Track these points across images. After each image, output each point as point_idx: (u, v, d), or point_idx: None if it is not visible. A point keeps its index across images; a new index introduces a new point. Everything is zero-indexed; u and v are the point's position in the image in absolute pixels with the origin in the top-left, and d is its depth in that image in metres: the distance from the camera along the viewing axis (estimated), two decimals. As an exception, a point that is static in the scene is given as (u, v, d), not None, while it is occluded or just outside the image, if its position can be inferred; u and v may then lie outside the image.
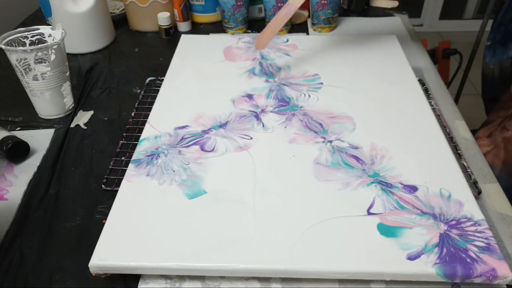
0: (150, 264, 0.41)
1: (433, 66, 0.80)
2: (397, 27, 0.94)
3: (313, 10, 0.89)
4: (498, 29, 0.71)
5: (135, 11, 0.92)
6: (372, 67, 0.70)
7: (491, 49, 0.73)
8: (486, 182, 0.55)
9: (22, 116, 0.67)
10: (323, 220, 0.44)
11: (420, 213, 0.45)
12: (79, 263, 0.44)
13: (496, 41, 0.72)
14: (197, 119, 0.59)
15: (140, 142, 0.55)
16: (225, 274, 0.42)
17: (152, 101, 0.66)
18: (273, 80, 0.67)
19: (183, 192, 0.48)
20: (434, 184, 0.48)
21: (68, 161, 0.59)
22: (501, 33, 0.71)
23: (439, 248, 0.41)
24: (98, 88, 0.75)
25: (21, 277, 0.44)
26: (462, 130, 0.63)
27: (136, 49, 0.88)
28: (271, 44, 0.76)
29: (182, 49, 0.76)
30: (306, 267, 0.41)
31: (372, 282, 0.42)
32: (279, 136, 0.56)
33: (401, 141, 0.55)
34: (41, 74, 0.61)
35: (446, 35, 2.44)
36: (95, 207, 0.52)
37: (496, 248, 0.41)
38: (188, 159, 0.53)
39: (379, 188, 0.48)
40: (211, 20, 0.97)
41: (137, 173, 0.51)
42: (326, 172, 0.50)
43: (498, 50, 0.72)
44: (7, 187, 0.54)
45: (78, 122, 0.66)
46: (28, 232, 0.49)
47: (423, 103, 0.61)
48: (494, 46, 0.73)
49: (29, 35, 0.64)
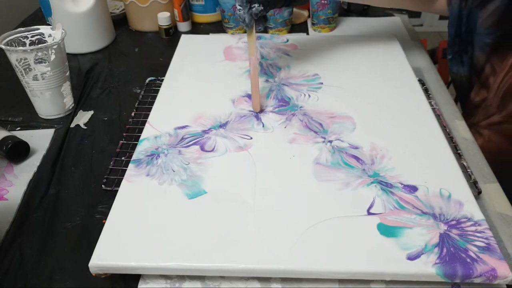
0: (150, 264, 0.41)
1: (433, 66, 0.80)
2: (397, 27, 0.94)
3: (313, 10, 0.89)
4: (454, 40, 0.73)
5: (135, 11, 0.92)
6: (372, 67, 0.70)
7: (455, 60, 0.75)
8: (486, 182, 0.55)
9: (22, 116, 0.67)
10: (323, 220, 0.44)
11: (420, 213, 0.45)
12: (79, 263, 0.44)
13: (456, 52, 0.74)
14: (197, 119, 0.59)
15: (140, 142, 0.55)
16: (225, 274, 0.42)
17: (152, 101, 0.66)
18: (273, 80, 0.67)
19: (183, 192, 0.48)
20: (434, 184, 0.48)
21: (68, 161, 0.59)
22: (457, 44, 0.73)
23: (439, 248, 0.41)
24: (98, 88, 0.75)
25: (21, 277, 0.44)
26: (462, 130, 0.63)
27: (136, 49, 0.88)
28: (271, 44, 0.76)
29: (182, 49, 0.76)
30: (306, 267, 0.41)
31: (372, 282, 0.42)
32: (279, 136, 0.56)
33: (401, 141, 0.55)
34: (41, 74, 0.61)
35: (446, 35, 2.44)
36: (95, 207, 0.52)
37: (496, 248, 0.41)
38: (188, 159, 0.53)
39: (379, 188, 0.48)
40: (211, 20, 0.97)
41: (137, 173, 0.51)
42: (326, 172, 0.50)
43: (464, 57, 0.74)
44: (7, 187, 0.54)
45: (78, 122, 0.66)
46: (28, 232, 0.49)
47: (423, 103, 0.61)
48: (457, 57, 0.75)
49: (29, 35, 0.64)
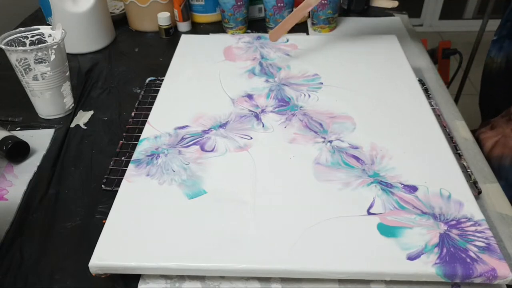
0: (150, 264, 0.41)
1: (433, 66, 0.80)
2: (397, 27, 0.94)
3: (313, 10, 0.89)
4: (505, 24, 0.71)
5: (135, 11, 0.92)
6: (372, 67, 0.70)
7: (497, 43, 0.73)
8: (486, 182, 0.55)
9: (22, 116, 0.67)
10: (323, 220, 0.44)
11: (420, 213, 0.45)
12: (79, 263, 0.44)
13: (503, 36, 0.72)
14: (197, 119, 0.59)
15: (140, 142, 0.55)
16: (225, 274, 0.42)
17: (152, 101, 0.66)
18: (273, 80, 0.67)
19: (183, 192, 0.48)
20: (434, 184, 0.48)
21: (68, 161, 0.59)
22: (507, 29, 0.71)
23: (439, 248, 0.41)
24: (98, 88, 0.75)
25: (21, 277, 0.44)
26: (462, 130, 0.63)
27: (136, 49, 0.88)
28: (271, 44, 0.76)
29: (182, 49, 0.76)
30: (306, 267, 0.41)
31: (372, 282, 0.42)
32: (279, 136, 0.56)
33: (401, 141, 0.55)
34: (41, 74, 0.61)
35: (446, 35, 2.44)
36: (95, 207, 0.52)
37: (496, 248, 0.41)
38: (188, 159, 0.53)
39: (379, 188, 0.48)
40: (211, 20, 0.97)
41: (137, 173, 0.51)
42: (326, 172, 0.50)
43: (506, 43, 0.72)
44: (7, 187, 0.54)
45: (78, 122, 0.66)
46: (28, 232, 0.49)
47: (423, 103, 0.61)
48: (500, 41, 0.73)
49: (29, 35, 0.64)
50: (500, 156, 0.55)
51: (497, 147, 0.70)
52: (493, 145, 0.69)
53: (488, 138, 0.72)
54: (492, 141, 0.71)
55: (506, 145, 0.69)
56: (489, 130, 0.74)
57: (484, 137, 0.71)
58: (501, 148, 0.70)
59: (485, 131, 0.74)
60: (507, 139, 0.69)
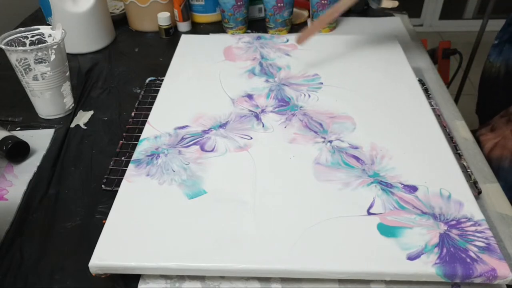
0: (150, 264, 0.41)
1: (433, 66, 0.80)
2: (397, 27, 0.94)
3: (313, 10, 0.89)
4: (508, 28, 0.70)
5: (135, 11, 0.92)
6: (372, 67, 0.70)
7: (498, 48, 0.73)
8: (486, 182, 0.55)
9: (22, 116, 0.67)
10: (323, 220, 0.44)
11: (420, 213, 0.45)
12: (79, 263, 0.44)
13: (504, 41, 0.72)
14: (197, 119, 0.59)
15: (140, 142, 0.55)
16: (225, 274, 0.42)
17: (152, 101, 0.66)
18: (273, 80, 0.67)
19: (183, 192, 0.48)
20: (434, 184, 0.48)
21: (68, 161, 0.59)
22: (509, 33, 0.71)
23: (439, 248, 0.41)
24: (98, 88, 0.75)
25: (21, 277, 0.44)
26: (462, 130, 0.63)
27: (136, 49, 0.88)
28: (271, 44, 0.76)
29: (182, 49, 0.76)
30: (306, 267, 0.41)
31: (372, 282, 0.42)
32: (279, 136, 0.56)
33: (401, 141, 0.55)
34: (41, 74, 0.61)
35: (446, 35, 2.44)
36: (95, 207, 0.52)
37: (496, 248, 0.41)
38: (188, 159, 0.53)
39: (379, 188, 0.48)
40: (211, 20, 0.97)
41: (137, 173, 0.51)
42: (326, 172, 0.50)
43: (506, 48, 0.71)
44: (7, 187, 0.54)
45: (78, 122, 0.66)
46: (28, 232, 0.49)
47: (423, 103, 0.61)
48: (501, 45, 0.72)
49: (29, 35, 0.64)
50: (499, 157, 0.55)
51: (496, 149, 0.70)
52: (492, 147, 0.69)
53: (488, 140, 0.72)
54: (491, 143, 0.71)
55: (505, 147, 0.69)
56: (489, 132, 0.74)
57: (484, 139, 0.71)
58: (500, 150, 0.70)
59: (485, 132, 0.74)
60: (506, 140, 0.69)
